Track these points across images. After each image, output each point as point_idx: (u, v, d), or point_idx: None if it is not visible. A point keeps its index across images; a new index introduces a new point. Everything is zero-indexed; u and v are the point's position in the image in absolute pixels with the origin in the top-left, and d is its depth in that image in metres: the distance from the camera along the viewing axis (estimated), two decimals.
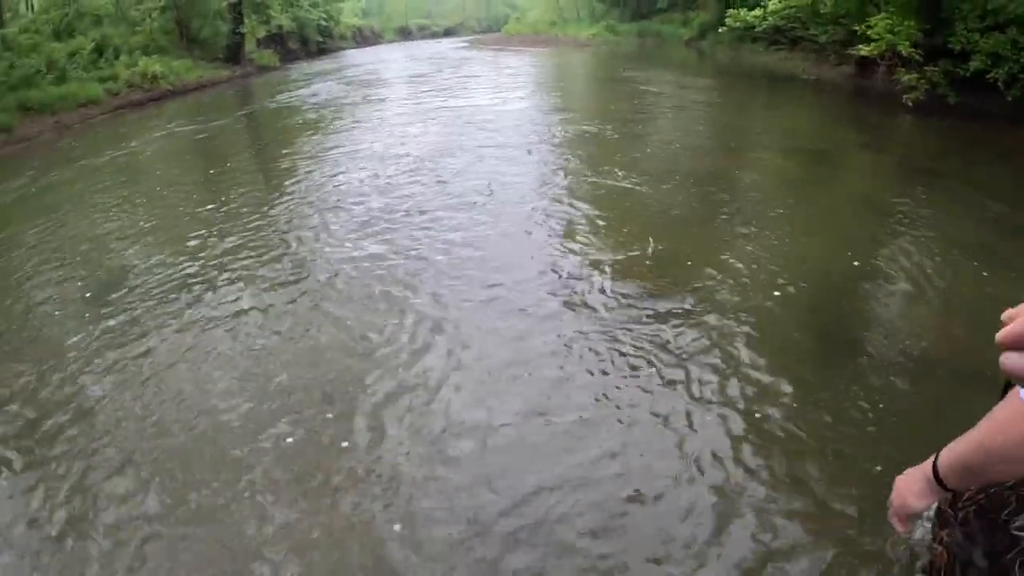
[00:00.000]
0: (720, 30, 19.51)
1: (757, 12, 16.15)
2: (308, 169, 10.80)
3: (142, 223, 8.52)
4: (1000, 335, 0.66)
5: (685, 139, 11.85)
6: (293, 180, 10.10)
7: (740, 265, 5.97)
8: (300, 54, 40.25)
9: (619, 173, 9.05)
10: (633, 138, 11.78)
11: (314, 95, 20.35)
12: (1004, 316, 0.68)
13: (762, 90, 18.16)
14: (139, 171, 11.87)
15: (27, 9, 26.67)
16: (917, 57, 12.49)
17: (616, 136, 11.90)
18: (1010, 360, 0.65)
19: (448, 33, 69.10)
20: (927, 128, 12.22)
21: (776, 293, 5.44)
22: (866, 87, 16.64)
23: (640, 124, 13.08)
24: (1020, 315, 0.64)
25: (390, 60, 33.07)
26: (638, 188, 8.45)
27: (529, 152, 10.66)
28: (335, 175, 10.10)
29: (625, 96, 16.80)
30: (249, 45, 31.61)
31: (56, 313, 6.08)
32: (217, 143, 14.33)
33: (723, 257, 6.16)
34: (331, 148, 12.16)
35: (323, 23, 45.27)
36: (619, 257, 6.24)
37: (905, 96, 12.51)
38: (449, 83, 20.91)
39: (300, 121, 16.14)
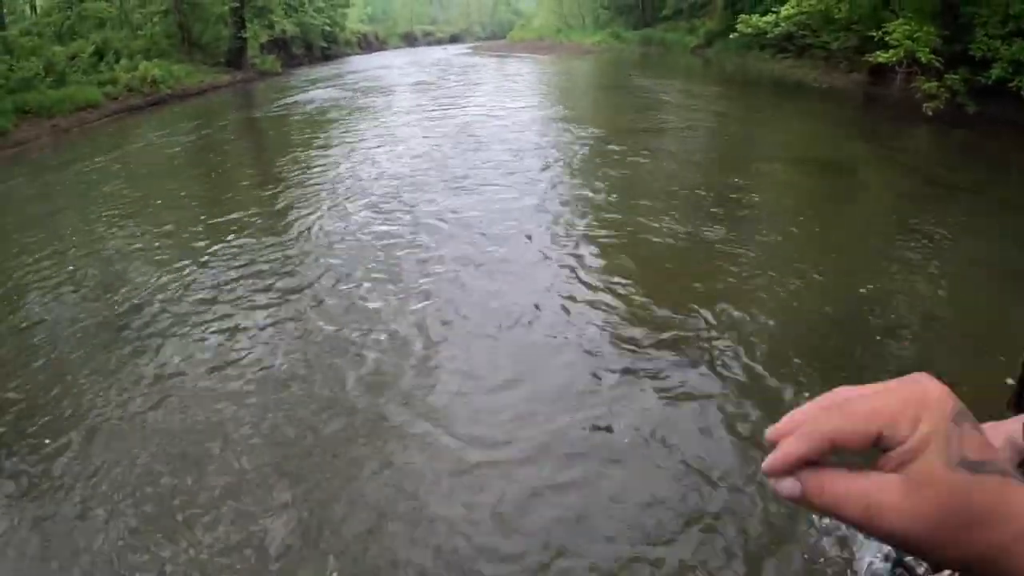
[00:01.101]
0: (731, 36, 18.89)
1: (769, 18, 15.60)
2: (264, 206, 9.11)
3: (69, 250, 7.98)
4: (767, 464, 0.48)
5: (696, 156, 11.21)
6: (239, 219, 8.42)
7: (758, 315, 5.42)
8: (304, 59, 39.91)
9: (622, 203, 8.21)
10: (639, 155, 10.83)
11: (310, 102, 19.91)
12: (768, 435, 0.49)
13: (773, 99, 17.68)
14: (89, 191, 10.80)
15: (31, 12, 26.32)
16: (937, 64, 11.97)
17: (621, 155, 10.76)
18: (785, 488, 0.47)
19: (453, 39, 68.88)
20: (946, 139, 11.74)
21: (790, 340, 4.97)
22: (879, 95, 16.17)
23: (648, 136, 12.37)
24: (785, 431, 0.48)
25: (393, 66, 32.61)
26: (645, 222, 7.40)
27: (519, 190, 8.89)
28: (288, 218, 8.35)
29: (632, 107, 16.28)
30: (252, 50, 31.21)
31: None
32: (187, 158, 13.53)
33: (737, 312, 5.25)
34: (302, 172, 10.93)
35: (327, 29, 44.98)
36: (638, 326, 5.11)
37: (925, 105, 11.97)
38: (450, 92, 20.37)
39: (284, 135, 15.52)
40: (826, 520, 3.04)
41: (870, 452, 0.46)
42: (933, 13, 12.74)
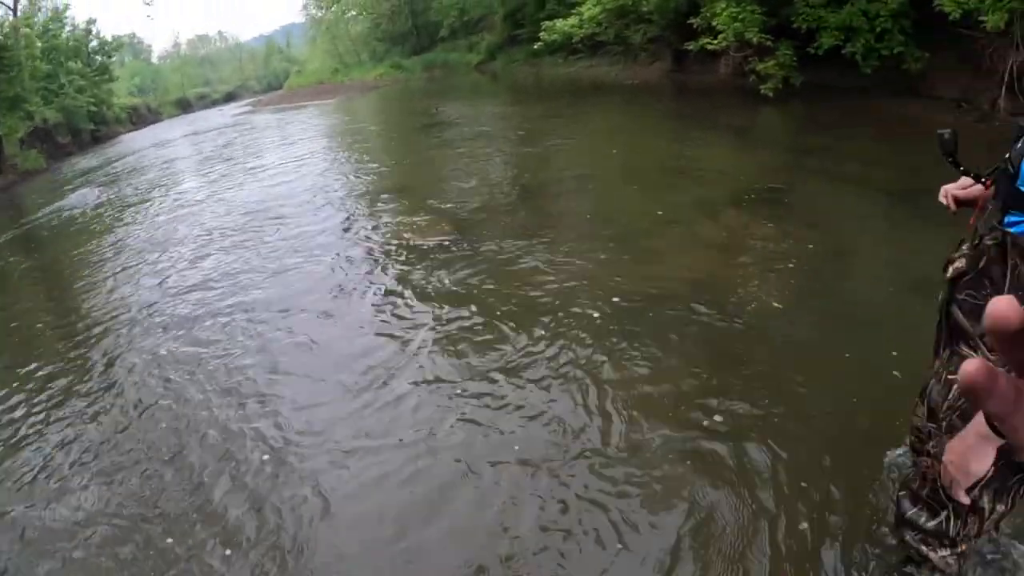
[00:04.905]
0: (536, 46, 16.98)
1: (573, 20, 14.10)
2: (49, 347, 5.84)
3: None
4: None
5: (539, 238, 6.49)
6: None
7: None
8: (72, 147, 35.34)
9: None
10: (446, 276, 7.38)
11: (77, 207, 14.36)
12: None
13: (593, 108, 14.59)
14: None
15: None
16: (769, 43, 10.90)
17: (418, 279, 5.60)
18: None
19: (229, 98, 64.58)
20: (803, 119, 10.40)
21: None
22: (687, 82, 15.26)
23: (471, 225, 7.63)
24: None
25: (167, 143, 27.82)
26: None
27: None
28: None
29: (435, 159, 11.87)
30: (10, 147, 26.87)
31: None
32: None
33: None
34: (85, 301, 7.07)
35: (93, 108, 40.38)
36: None
37: (762, 87, 10.93)
38: (228, 173, 14.24)
39: (56, 259, 10.42)
40: None
41: None
42: None
